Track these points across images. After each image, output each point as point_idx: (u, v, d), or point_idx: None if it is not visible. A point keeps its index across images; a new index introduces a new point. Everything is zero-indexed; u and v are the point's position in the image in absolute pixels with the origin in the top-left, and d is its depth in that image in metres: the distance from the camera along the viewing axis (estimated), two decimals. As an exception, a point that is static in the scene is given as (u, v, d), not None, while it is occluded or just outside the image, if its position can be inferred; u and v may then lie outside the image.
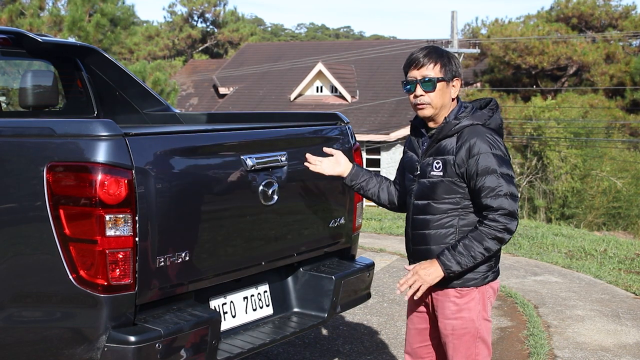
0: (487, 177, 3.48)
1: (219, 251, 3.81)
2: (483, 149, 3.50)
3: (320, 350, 5.84)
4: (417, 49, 3.73)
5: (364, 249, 9.62)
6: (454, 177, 3.56)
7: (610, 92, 37.17)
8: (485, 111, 3.66)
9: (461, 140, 3.56)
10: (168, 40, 57.28)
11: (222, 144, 3.93)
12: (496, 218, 3.47)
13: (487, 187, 3.48)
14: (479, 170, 3.49)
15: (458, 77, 3.67)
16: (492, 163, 3.49)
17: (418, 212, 3.70)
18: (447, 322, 3.70)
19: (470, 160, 3.51)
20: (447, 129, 3.60)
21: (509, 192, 3.49)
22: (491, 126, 3.63)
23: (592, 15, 40.36)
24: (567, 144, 31.76)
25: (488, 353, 3.76)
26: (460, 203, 3.59)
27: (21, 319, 3.52)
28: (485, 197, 3.49)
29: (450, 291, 3.67)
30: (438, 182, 3.60)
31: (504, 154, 3.56)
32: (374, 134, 32.19)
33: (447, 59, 3.64)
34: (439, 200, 3.62)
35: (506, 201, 3.47)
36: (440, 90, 3.62)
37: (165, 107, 5.68)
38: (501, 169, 3.50)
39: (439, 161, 3.60)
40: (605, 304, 7.29)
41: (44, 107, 5.38)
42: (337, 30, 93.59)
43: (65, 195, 3.31)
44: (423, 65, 3.62)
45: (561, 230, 12.66)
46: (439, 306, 3.72)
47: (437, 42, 34.08)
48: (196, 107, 40.36)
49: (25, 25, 17.88)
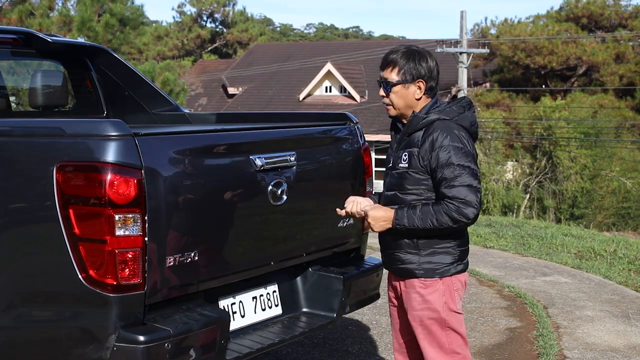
0: (445, 169, 3.56)
1: (228, 251, 3.82)
2: (445, 142, 3.58)
3: (329, 350, 5.84)
4: (390, 49, 3.82)
5: (373, 249, 9.60)
6: (418, 169, 3.64)
7: (620, 92, 37.02)
8: (455, 107, 3.72)
9: (427, 133, 3.64)
10: (177, 40, 57.35)
11: (231, 144, 3.93)
12: (453, 203, 3.53)
13: (445, 177, 3.56)
14: (439, 162, 3.57)
15: (421, 78, 3.71)
16: (451, 155, 3.56)
17: (387, 203, 3.79)
18: (414, 313, 3.77)
19: (432, 153, 3.59)
20: (415, 123, 3.69)
21: (466, 182, 3.54)
22: (460, 122, 3.68)
23: (601, 15, 40.20)
24: (577, 144, 31.67)
25: (463, 342, 3.81)
26: (424, 195, 3.67)
27: (31, 319, 3.53)
28: (443, 188, 3.57)
29: (415, 282, 3.74)
30: (403, 172, 3.69)
31: (466, 147, 3.61)
32: (383, 134, 32.16)
33: (409, 61, 3.70)
34: (404, 192, 3.71)
35: (462, 190, 3.53)
36: (397, 92, 3.73)
37: (175, 107, 5.69)
38: (459, 161, 3.56)
39: (406, 153, 3.69)
40: (615, 304, 7.26)
41: (54, 107, 5.40)
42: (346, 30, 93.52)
43: (75, 195, 3.32)
44: (385, 67, 3.77)
45: (571, 230, 12.63)
46: (406, 298, 3.80)
47: (446, 42, 34.00)
48: (205, 107, 40.41)
49: (34, 26, 17.92)
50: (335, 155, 4.50)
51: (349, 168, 4.57)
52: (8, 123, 4.00)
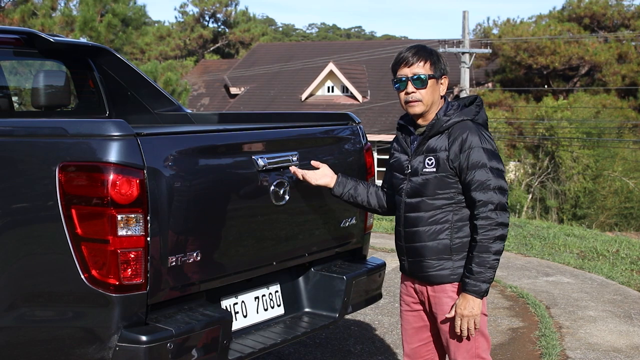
0: (477, 171, 3.55)
1: (230, 251, 3.82)
2: (474, 143, 3.57)
3: (331, 350, 5.84)
4: (405, 48, 3.78)
5: (375, 249, 9.61)
6: (448, 172, 3.61)
7: (623, 92, 36.98)
8: (472, 107, 3.72)
9: (453, 135, 3.62)
10: (179, 40, 57.32)
11: (234, 144, 3.93)
12: (488, 215, 3.52)
13: (477, 180, 3.54)
14: (469, 164, 3.56)
15: (446, 75, 3.74)
16: (482, 157, 3.56)
17: (410, 210, 3.73)
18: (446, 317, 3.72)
19: (462, 155, 3.57)
20: (438, 126, 3.66)
21: (498, 185, 3.55)
22: (479, 121, 3.69)
23: (604, 15, 40.16)
24: (579, 144, 31.65)
25: (488, 346, 3.81)
26: (454, 198, 3.64)
27: (33, 319, 3.53)
28: (474, 191, 3.55)
29: (448, 287, 3.70)
30: (431, 178, 3.64)
31: (494, 149, 3.63)
32: (385, 134, 32.17)
33: (436, 57, 3.71)
34: (432, 197, 3.66)
35: (495, 195, 3.53)
36: (431, 87, 3.68)
37: (177, 107, 5.70)
38: (491, 163, 3.56)
39: (431, 158, 3.65)
40: (618, 304, 7.26)
41: (56, 107, 5.40)
42: (349, 31, 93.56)
43: (77, 195, 3.32)
44: (413, 63, 3.68)
45: (573, 230, 12.61)
46: (437, 303, 3.75)
47: (449, 42, 34.02)
48: (207, 107, 40.43)
49: (37, 26, 17.94)
50: (337, 155, 4.50)
51: (351, 168, 4.56)
52: (11, 123, 4.01)
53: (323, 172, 4.09)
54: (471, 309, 3.59)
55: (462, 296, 3.60)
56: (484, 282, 3.55)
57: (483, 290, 3.57)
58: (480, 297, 3.58)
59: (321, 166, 4.11)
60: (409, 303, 3.93)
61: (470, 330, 3.64)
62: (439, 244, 3.66)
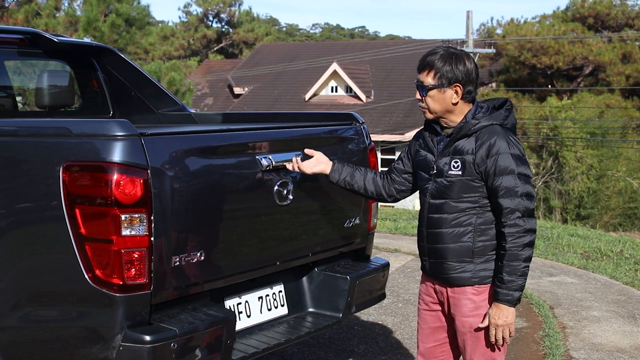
0: (504, 177, 3.50)
1: (234, 251, 3.82)
2: (502, 149, 3.51)
3: (335, 350, 5.84)
4: (431, 49, 3.71)
5: (379, 249, 9.61)
6: (473, 176, 3.56)
7: (627, 92, 36.95)
8: (502, 111, 3.66)
9: (480, 139, 3.56)
10: (183, 40, 57.39)
11: (238, 144, 3.93)
12: (516, 222, 3.48)
13: (504, 186, 3.49)
14: (497, 169, 3.50)
15: (458, 82, 3.59)
16: (510, 163, 3.50)
17: (434, 211, 3.69)
18: (464, 319, 3.70)
19: (488, 160, 3.52)
20: (466, 129, 3.60)
21: (526, 192, 3.51)
22: (508, 126, 3.63)
23: (608, 15, 40.15)
24: (583, 144, 31.62)
25: (503, 350, 3.77)
26: (479, 202, 3.59)
27: (37, 318, 3.53)
28: (502, 197, 3.50)
29: (468, 289, 3.67)
30: (457, 181, 3.59)
31: (522, 154, 3.58)
32: (389, 134, 32.17)
33: (446, 64, 3.57)
34: (457, 199, 3.61)
35: (523, 202, 3.49)
36: (433, 97, 3.61)
37: (181, 107, 5.70)
38: (519, 169, 3.51)
39: (457, 160, 3.59)
40: (622, 305, 7.25)
41: (60, 107, 5.41)
42: (352, 30, 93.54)
43: (81, 195, 3.32)
44: (421, 70, 3.64)
45: (577, 230, 12.61)
46: (456, 304, 3.72)
47: (452, 42, 34.01)
48: (211, 107, 40.45)
49: (41, 26, 17.95)
50: (341, 155, 4.49)
51: (355, 168, 4.55)
52: (15, 123, 4.02)
53: (317, 160, 4.04)
54: (505, 318, 3.57)
55: (495, 306, 3.58)
56: (516, 291, 3.53)
57: (516, 299, 3.55)
58: (514, 305, 3.56)
59: (315, 154, 4.05)
60: (428, 303, 3.90)
61: (506, 339, 3.63)
62: (461, 247, 3.63)
